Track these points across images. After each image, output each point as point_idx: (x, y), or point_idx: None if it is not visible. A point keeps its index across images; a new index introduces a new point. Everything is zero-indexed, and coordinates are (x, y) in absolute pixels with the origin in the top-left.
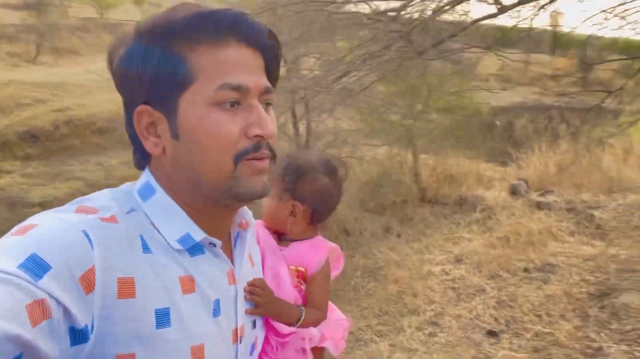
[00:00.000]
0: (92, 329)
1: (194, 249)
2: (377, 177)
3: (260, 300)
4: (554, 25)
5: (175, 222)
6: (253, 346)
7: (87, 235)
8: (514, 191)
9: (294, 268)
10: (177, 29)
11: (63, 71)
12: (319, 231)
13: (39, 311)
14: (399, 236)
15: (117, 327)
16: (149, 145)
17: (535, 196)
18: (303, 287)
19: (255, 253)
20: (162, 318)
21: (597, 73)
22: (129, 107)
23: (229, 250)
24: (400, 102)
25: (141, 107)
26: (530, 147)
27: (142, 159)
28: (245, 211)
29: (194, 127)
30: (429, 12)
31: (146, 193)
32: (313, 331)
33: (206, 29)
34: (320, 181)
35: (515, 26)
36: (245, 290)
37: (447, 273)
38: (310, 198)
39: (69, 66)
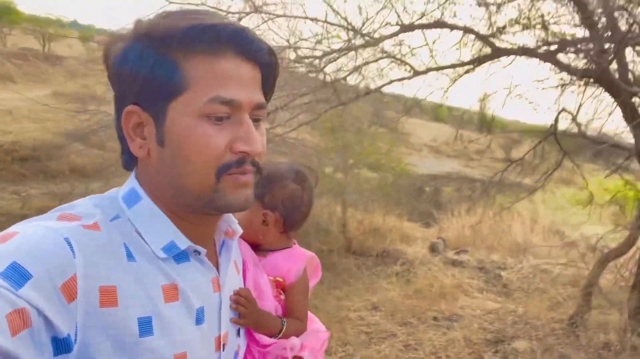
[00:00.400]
0: (75, 339)
1: (180, 256)
2: (306, 224)
3: (245, 311)
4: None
5: (159, 230)
6: (236, 354)
7: (69, 243)
8: (433, 249)
9: (272, 278)
10: (175, 36)
11: None
12: (295, 241)
13: (19, 320)
14: (322, 282)
15: (100, 336)
16: (134, 146)
17: (451, 255)
18: (282, 297)
19: (239, 261)
20: (145, 326)
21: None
22: (119, 105)
23: (214, 258)
24: (334, 155)
25: (130, 107)
26: (452, 211)
27: (130, 160)
28: (232, 220)
29: (181, 137)
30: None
31: (131, 199)
32: (294, 340)
33: (204, 40)
34: (289, 188)
35: (441, 105)
36: (230, 299)
37: (362, 319)
38: (281, 205)
39: (1, 93)
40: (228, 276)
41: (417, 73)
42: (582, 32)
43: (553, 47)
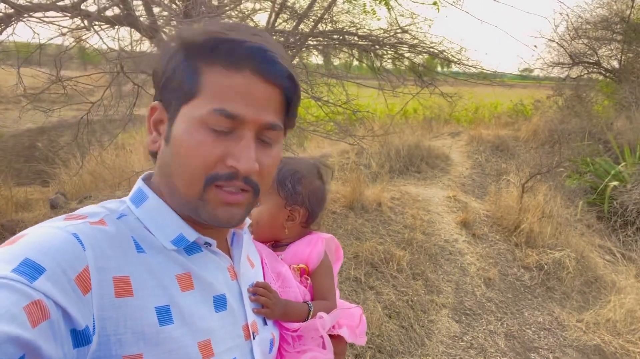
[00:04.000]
0: (94, 331)
1: (191, 248)
2: None
3: (266, 301)
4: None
5: (168, 224)
6: (271, 343)
7: (77, 238)
8: (53, 206)
9: (295, 266)
10: (198, 44)
11: None
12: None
13: (37, 312)
14: None
15: (120, 328)
16: (149, 139)
17: (74, 205)
18: (309, 282)
19: (254, 256)
20: (164, 315)
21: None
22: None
23: (226, 248)
24: None
25: (155, 103)
26: (66, 162)
27: (152, 151)
28: None
29: (180, 139)
30: None
31: (138, 199)
32: (324, 318)
33: (221, 52)
34: (315, 185)
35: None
36: (249, 291)
37: None
38: (308, 201)
39: None
40: (242, 266)
41: None
42: None
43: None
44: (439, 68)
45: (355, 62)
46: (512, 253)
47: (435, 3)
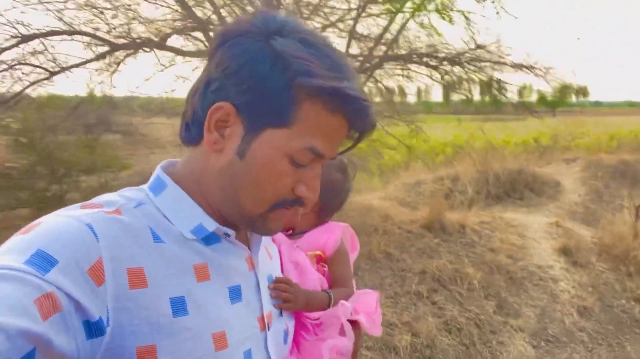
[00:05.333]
0: (107, 322)
1: (209, 238)
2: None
3: (288, 296)
4: None
5: (187, 214)
6: (286, 334)
7: (91, 228)
8: None
9: (311, 253)
10: (313, 84)
11: None
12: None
13: (48, 304)
14: None
15: (134, 319)
16: (209, 138)
17: None
18: (326, 269)
19: (272, 247)
20: (178, 306)
21: None
22: (214, 92)
23: (244, 238)
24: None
25: (225, 105)
26: None
27: (192, 140)
28: None
29: (261, 163)
30: None
31: (157, 188)
32: (345, 306)
33: (325, 92)
34: (331, 176)
35: None
36: (269, 288)
37: None
38: (323, 191)
39: None
40: (260, 257)
41: (52, 73)
42: None
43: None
44: (573, 98)
45: (477, 97)
46: (622, 283)
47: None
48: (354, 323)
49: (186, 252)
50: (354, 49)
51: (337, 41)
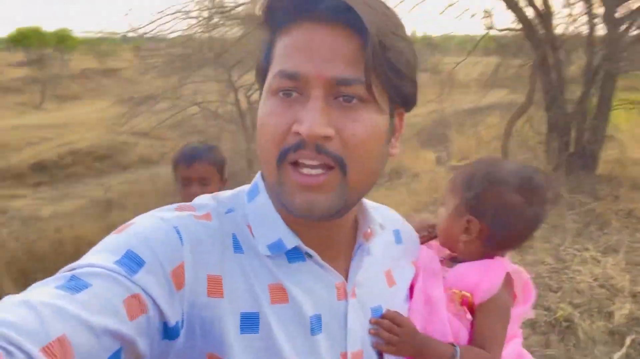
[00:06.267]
0: (182, 325)
1: (293, 256)
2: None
3: (390, 337)
4: None
5: (270, 226)
6: None
7: (178, 232)
8: (438, 161)
9: (457, 291)
10: (263, 15)
11: (66, 114)
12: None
13: (136, 305)
14: None
15: (206, 325)
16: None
17: (453, 163)
18: (468, 316)
19: (402, 271)
20: (248, 322)
21: None
22: None
23: (342, 261)
24: None
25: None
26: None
27: None
28: (371, 219)
29: (258, 116)
30: None
31: (252, 194)
32: None
33: (276, 13)
34: (507, 198)
35: None
36: (371, 322)
37: None
38: (491, 215)
39: (71, 109)
40: (366, 282)
41: None
42: None
43: None
44: None
45: None
46: None
47: None
48: None
49: (264, 268)
50: None
51: None
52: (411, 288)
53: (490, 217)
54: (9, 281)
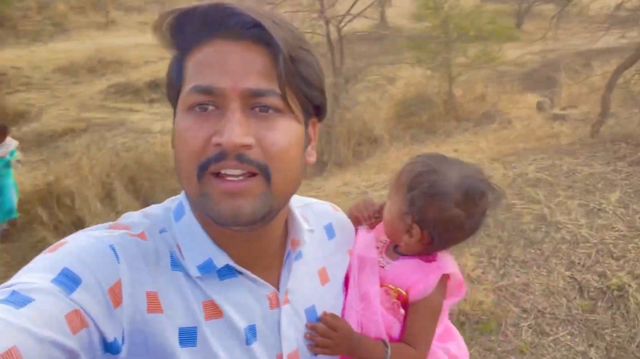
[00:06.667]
0: (122, 342)
1: (225, 273)
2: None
3: (324, 341)
4: None
5: (199, 246)
6: None
7: (113, 250)
8: (539, 107)
9: (393, 287)
10: (170, 34)
11: None
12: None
13: (77, 320)
14: (422, 142)
15: (149, 341)
16: None
17: (557, 111)
18: (402, 311)
19: (336, 266)
20: (187, 336)
21: None
22: None
23: (276, 270)
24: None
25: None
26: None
27: None
28: (298, 229)
29: (175, 132)
30: None
31: (178, 214)
32: None
33: (186, 32)
34: (449, 213)
35: None
36: (307, 326)
37: None
38: (433, 226)
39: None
40: (295, 290)
41: None
42: None
43: None
44: None
45: None
46: None
47: None
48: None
49: (196, 287)
50: None
51: None
52: (347, 279)
53: (432, 228)
54: (121, 186)
